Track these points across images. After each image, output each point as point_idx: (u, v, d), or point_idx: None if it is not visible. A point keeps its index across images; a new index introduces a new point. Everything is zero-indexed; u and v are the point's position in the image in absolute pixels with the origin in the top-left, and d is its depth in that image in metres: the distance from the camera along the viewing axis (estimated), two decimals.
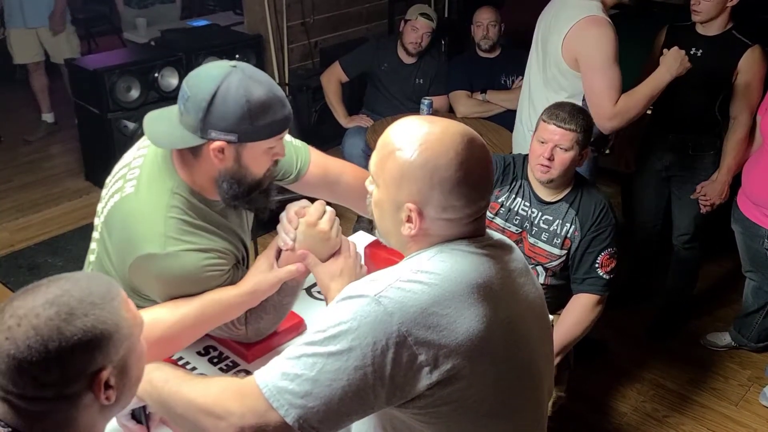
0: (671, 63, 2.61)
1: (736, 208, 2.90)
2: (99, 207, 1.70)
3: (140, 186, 1.58)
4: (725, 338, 3.27)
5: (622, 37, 2.77)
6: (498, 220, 2.42)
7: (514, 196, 2.42)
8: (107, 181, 1.71)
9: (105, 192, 1.68)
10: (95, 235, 1.70)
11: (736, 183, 2.95)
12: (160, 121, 1.57)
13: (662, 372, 3.17)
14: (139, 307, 1.58)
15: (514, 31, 4.43)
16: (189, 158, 1.55)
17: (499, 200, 2.42)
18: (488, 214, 2.42)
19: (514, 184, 2.43)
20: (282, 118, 1.54)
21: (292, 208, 1.63)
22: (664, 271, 3.44)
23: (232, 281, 1.63)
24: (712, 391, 3.07)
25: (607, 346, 3.26)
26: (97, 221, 1.69)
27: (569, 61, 2.66)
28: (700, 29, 2.94)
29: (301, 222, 1.60)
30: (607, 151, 3.59)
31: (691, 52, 2.94)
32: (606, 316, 2.55)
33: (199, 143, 1.49)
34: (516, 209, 2.41)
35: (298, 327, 1.91)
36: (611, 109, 2.58)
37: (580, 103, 2.61)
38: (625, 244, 3.31)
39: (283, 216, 1.63)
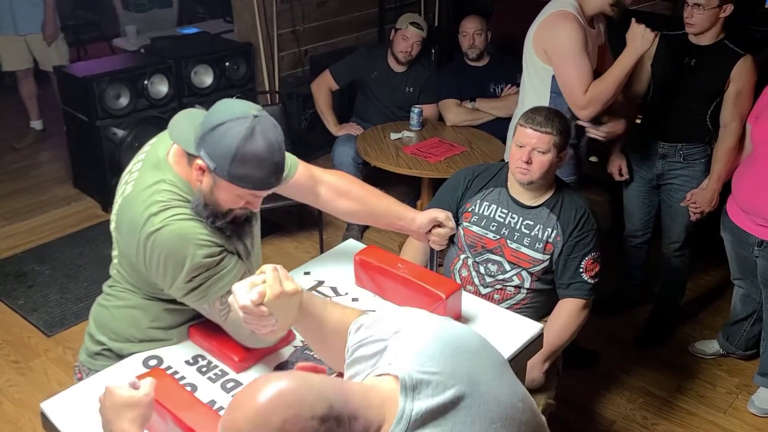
0: (635, 41, 2.64)
1: (726, 215, 2.91)
2: (111, 215, 1.84)
3: (137, 183, 1.74)
4: (713, 346, 3.28)
5: (611, 46, 2.78)
6: (474, 228, 2.45)
7: (486, 203, 2.45)
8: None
9: (114, 200, 1.84)
10: (113, 242, 1.85)
11: (725, 191, 2.97)
12: (187, 117, 1.74)
13: (651, 379, 3.18)
14: (159, 301, 1.68)
15: (503, 40, 4.46)
16: (184, 163, 1.71)
17: (470, 209, 2.47)
18: (464, 222, 2.46)
19: (484, 191, 2.47)
20: (261, 178, 1.61)
21: (242, 291, 1.37)
22: (652, 278, 3.46)
23: (226, 266, 1.68)
24: (700, 399, 3.08)
25: (598, 356, 3.27)
26: (112, 228, 1.83)
27: (539, 53, 2.78)
28: (693, 39, 2.96)
29: (267, 296, 1.36)
30: (594, 159, 3.60)
31: (684, 62, 2.97)
32: (595, 324, 2.55)
33: (192, 152, 1.65)
34: (492, 216, 2.44)
35: (287, 337, 1.90)
36: (583, 97, 2.69)
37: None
38: (614, 252, 3.33)
39: (242, 300, 1.37)
